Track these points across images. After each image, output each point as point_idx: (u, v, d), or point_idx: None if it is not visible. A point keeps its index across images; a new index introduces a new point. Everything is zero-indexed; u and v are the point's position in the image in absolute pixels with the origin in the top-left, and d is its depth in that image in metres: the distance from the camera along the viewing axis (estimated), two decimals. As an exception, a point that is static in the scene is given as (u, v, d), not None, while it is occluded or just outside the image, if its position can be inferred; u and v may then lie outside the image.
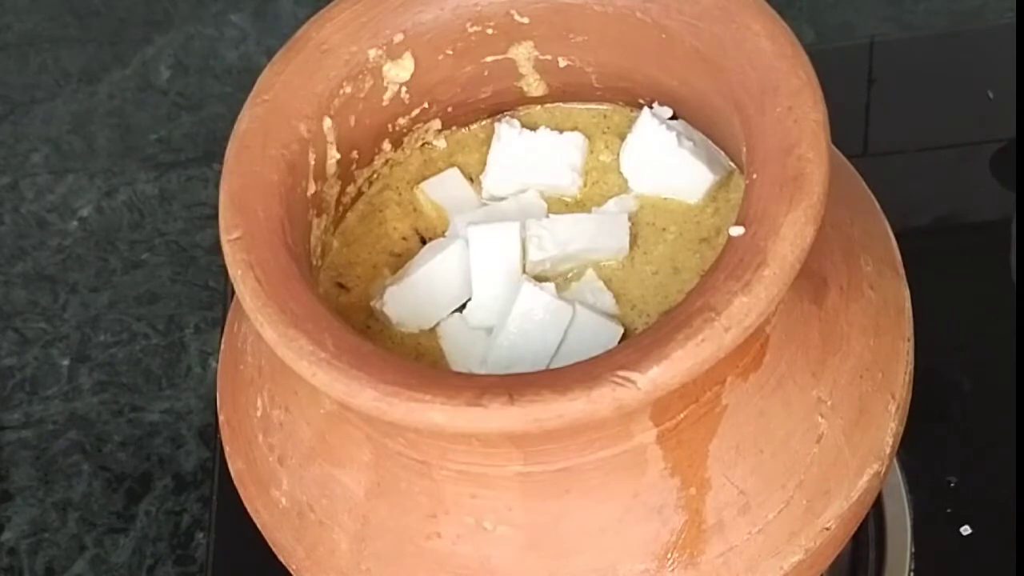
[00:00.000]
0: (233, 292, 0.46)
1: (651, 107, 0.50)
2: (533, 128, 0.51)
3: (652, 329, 0.42)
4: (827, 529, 0.47)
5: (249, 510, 0.50)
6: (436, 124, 0.52)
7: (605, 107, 0.52)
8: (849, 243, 0.49)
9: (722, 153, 0.50)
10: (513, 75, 0.51)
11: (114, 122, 0.90)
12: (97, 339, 0.81)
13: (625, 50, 0.49)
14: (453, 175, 0.52)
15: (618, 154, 0.51)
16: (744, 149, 0.45)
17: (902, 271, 0.51)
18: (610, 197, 0.50)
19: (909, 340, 0.50)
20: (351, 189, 0.51)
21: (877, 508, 0.63)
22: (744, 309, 0.42)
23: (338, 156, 0.49)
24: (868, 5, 0.87)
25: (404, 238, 0.51)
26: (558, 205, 0.51)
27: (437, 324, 0.49)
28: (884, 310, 0.49)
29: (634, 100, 0.51)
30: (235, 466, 0.51)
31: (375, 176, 0.52)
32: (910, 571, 0.62)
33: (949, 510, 0.63)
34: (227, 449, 0.51)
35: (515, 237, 0.48)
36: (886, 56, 0.78)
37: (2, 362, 0.81)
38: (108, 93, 0.91)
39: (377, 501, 0.46)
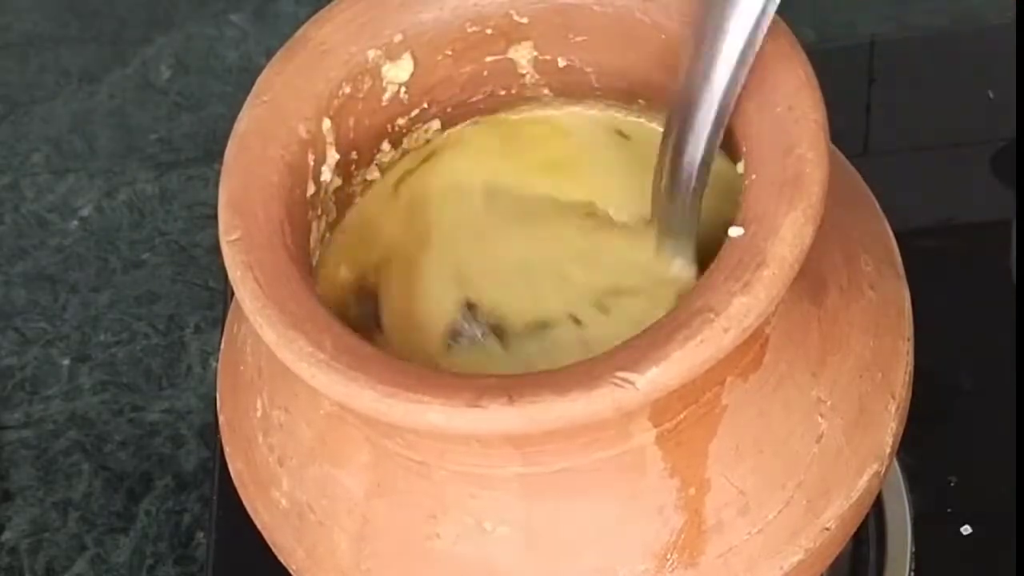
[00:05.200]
0: (233, 292, 0.46)
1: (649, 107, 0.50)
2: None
3: (651, 329, 0.42)
4: (827, 529, 0.47)
5: (249, 510, 0.50)
6: (435, 124, 0.52)
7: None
8: (849, 243, 0.49)
9: None
10: (513, 75, 0.51)
11: (114, 122, 0.90)
12: (97, 339, 0.81)
13: (625, 50, 0.49)
14: None
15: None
16: (744, 149, 0.45)
17: (902, 271, 0.51)
18: None
19: (909, 340, 0.50)
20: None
21: (877, 508, 0.63)
22: (743, 310, 0.42)
23: (337, 157, 0.49)
24: (868, 5, 0.87)
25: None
26: None
27: None
28: (884, 310, 0.49)
29: (634, 100, 0.51)
30: (235, 466, 0.51)
31: (375, 176, 0.52)
32: (910, 571, 0.62)
33: (949, 510, 0.63)
34: (227, 449, 0.51)
35: None
36: (886, 56, 0.78)
37: (2, 362, 0.81)
38: (108, 93, 0.91)
39: (377, 501, 0.46)
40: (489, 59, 0.50)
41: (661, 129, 0.48)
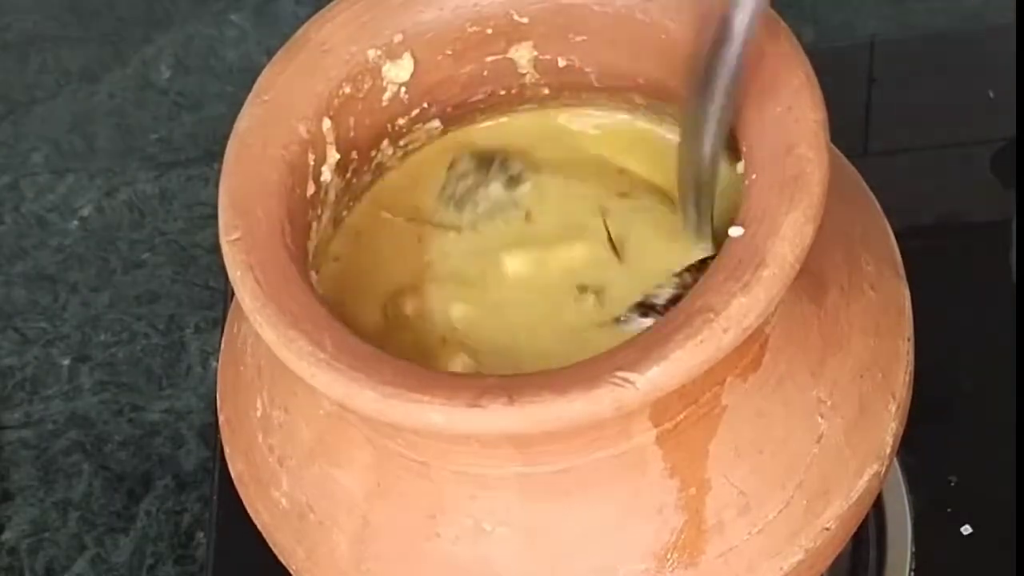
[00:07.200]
0: (233, 292, 0.46)
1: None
2: None
3: (651, 329, 0.42)
4: (827, 529, 0.47)
5: (249, 510, 0.50)
6: (436, 124, 0.52)
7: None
8: (849, 243, 0.49)
9: None
10: (513, 75, 0.51)
11: (114, 122, 0.90)
12: (97, 339, 0.81)
13: (625, 50, 0.49)
14: None
15: None
16: (744, 149, 0.45)
17: (902, 271, 0.51)
18: None
19: (909, 340, 0.50)
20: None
21: (877, 508, 0.63)
22: (743, 310, 0.42)
23: (338, 156, 0.49)
24: (868, 4, 0.87)
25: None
26: None
27: None
28: (884, 310, 0.49)
29: (632, 100, 0.51)
30: (235, 466, 0.51)
31: (374, 176, 0.52)
32: (910, 571, 0.62)
33: (949, 510, 0.63)
34: (227, 449, 0.51)
35: None
36: (886, 55, 0.78)
37: (2, 362, 0.81)
38: (108, 93, 0.91)
39: (377, 502, 0.46)
40: (489, 59, 0.50)
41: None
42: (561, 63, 0.50)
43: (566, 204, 0.50)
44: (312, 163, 0.48)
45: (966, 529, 0.63)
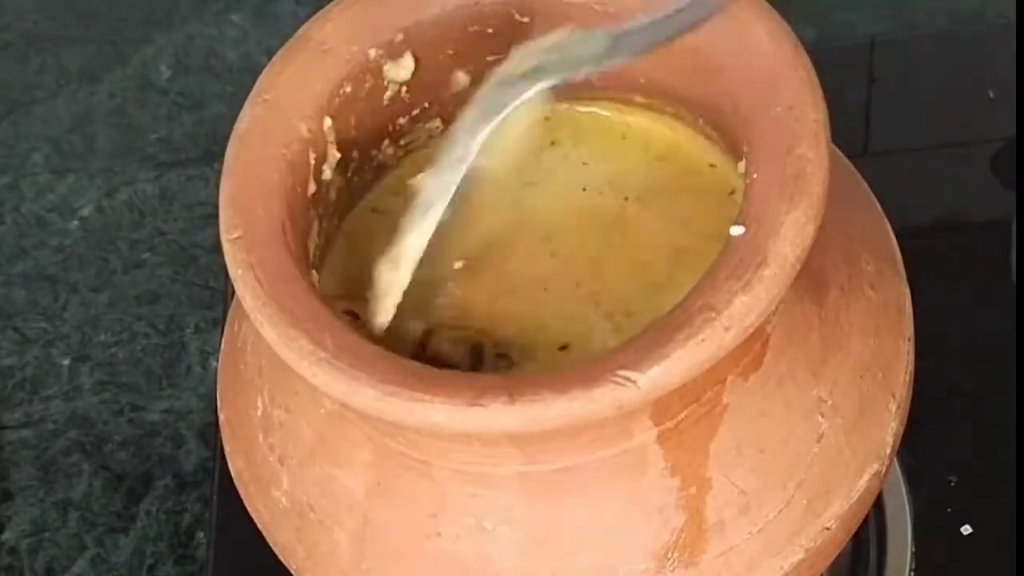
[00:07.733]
0: (233, 292, 0.46)
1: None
2: None
3: (652, 329, 0.42)
4: (827, 529, 0.47)
5: (249, 510, 0.50)
6: (436, 123, 0.52)
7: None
8: (849, 243, 0.49)
9: None
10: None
11: (114, 122, 0.90)
12: (97, 339, 0.81)
13: (626, 50, 0.49)
14: None
15: None
16: (744, 149, 0.45)
17: (902, 271, 0.51)
18: None
19: (909, 340, 0.50)
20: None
21: (877, 508, 0.63)
22: (744, 309, 0.42)
23: (338, 156, 0.49)
24: (869, 4, 0.87)
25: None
26: None
27: None
28: (884, 310, 0.49)
29: (631, 99, 0.51)
30: (235, 466, 0.51)
31: (375, 176, 0.52)
32: (910, 571, 0.62)
33: (949, 510, 0.63)
34: (227, 449, 0.51)
35: None
36: (887, 55, 0.78)
37: (2, 362, 0.81)
38: (108, 93, 0.91)
39: (377, 501, 0.46)
40: (490, 58, 0.50)
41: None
42: (562, 63, 0.50)
43: None
44: (313, 162, 0.48)
45: (966, 529, 0.63)
